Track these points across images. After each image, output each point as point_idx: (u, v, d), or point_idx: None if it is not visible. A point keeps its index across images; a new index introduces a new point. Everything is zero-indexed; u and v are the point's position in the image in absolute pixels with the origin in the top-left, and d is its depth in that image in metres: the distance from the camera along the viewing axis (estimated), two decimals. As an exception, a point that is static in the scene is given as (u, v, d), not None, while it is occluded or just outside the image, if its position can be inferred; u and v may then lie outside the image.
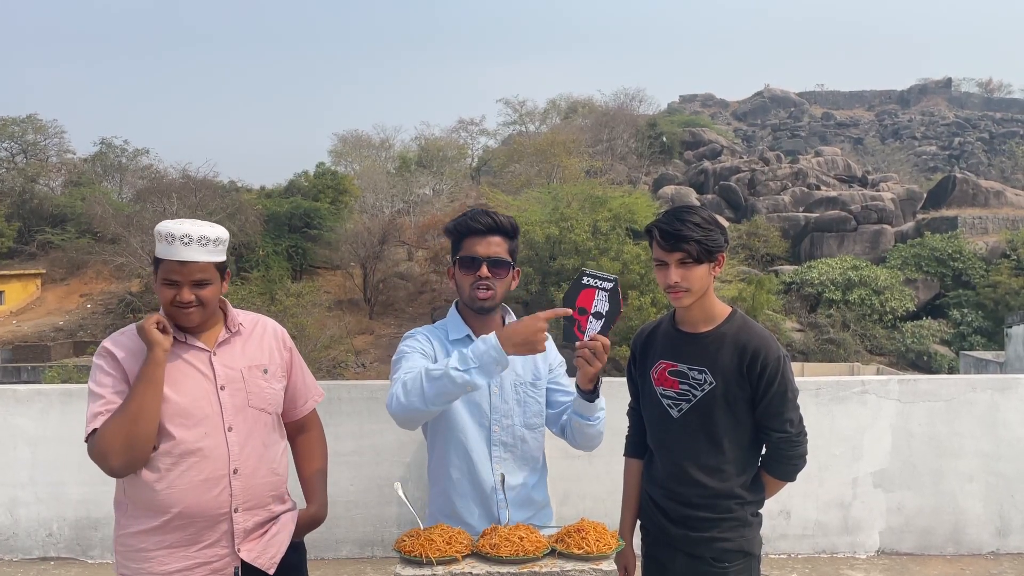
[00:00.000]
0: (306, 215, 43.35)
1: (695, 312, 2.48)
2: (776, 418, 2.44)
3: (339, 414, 4.80)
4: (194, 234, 2.29)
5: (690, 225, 2.36)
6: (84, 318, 38.78)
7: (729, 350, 2.43)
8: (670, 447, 2.52)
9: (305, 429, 2.70)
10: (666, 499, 2.53)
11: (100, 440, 2.22)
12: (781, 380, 2.42)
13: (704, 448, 2.46)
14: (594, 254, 32.02)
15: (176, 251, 2.29)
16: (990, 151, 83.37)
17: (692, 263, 2.37)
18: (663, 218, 2.44)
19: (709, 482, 2.45)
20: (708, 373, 2.44)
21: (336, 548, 4.93)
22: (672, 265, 2.38)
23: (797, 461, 2.50)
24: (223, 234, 2.39)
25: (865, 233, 41.96)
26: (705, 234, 2.36)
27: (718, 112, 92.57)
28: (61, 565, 4.94)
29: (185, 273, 2.30)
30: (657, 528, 2.57)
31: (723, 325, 2.48)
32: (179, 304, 2.32)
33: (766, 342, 2.44)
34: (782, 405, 2.43)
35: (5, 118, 49.48)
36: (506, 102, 62.91)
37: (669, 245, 2.37)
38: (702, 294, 2.44)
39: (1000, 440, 4.92)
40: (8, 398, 5.02)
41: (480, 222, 2.54)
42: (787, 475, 2.52)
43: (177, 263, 2.30)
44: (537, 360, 2.65)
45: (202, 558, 2.34)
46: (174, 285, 2.32)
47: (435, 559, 2.17)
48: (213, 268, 2.34)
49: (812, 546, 4.94)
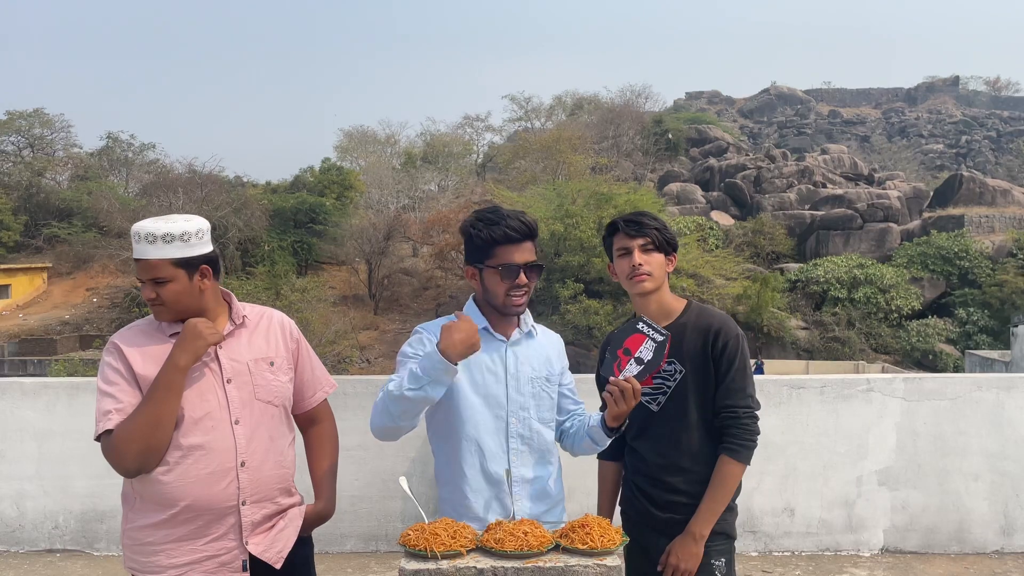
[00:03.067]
0: (311, 210, 43.44)
1: (653, 308, 2.63)
2: (739, 393, 2.55)
3: (344, 409, 4.81)
4: (157, 232, 2.30)
5: (649, 218, 2.65)
6: (90, 312, 38.93)
7: (692, 336, 2.58)
8: (654, 440, 2.62)
9: (316, 421, 2.68)
10: (652, 487, 2.62)
11: (117, 442, 2.23)
12: (741, 356, 2.57)
13: (685, 435, 2.57)
14: (599, 251, 32.00)
15: (139, 250, 2.33)
16: (997, 149, 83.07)
17: (653, 250, 2.60)
18: (624, 215, 2.70)
19: (693, 466, 2.56)
20: (676, 363, 2.57)
21: (341, 542, 4.94)
22: (636, 250, 2.58)
23: (756, 440, 2.57)
24: (190, 228, 2.33)
25: (871, 231, 41.85)
26: (662, 227, 2.63)
27: (724, 109, 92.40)
28: (67, 557, 4.96)
29: (145, 271, 2.34)
30: (640, 514, 2.66)
31: (682, 316, 2.64)
32: (151, 300, 2.37)
33: (725, 322, 2.61)
34: (743, 380, 2.56)
35: (12, 112, 49.69)
36: (512, 98, 62.92)
37: (633, 231, 2.60)
38: (660, 284, 2.62)
39: (1006, 439, 4.91)
40: (15, 391, 5.04)
41: (516, 230, 2.53)
42: (749, 456, 2.56)
43: (136, 261, 2.35)
44: (552, 358, 2.68)
45: (210, 551, 2.34)
46: (144, 283, 2.37)
47: (440, 553, 2.17)
48: (170, 266, 2.32)
49: (816, 544, 4.94)
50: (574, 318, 31.28)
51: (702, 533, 2.50)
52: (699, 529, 2.50)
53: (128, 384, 2.30)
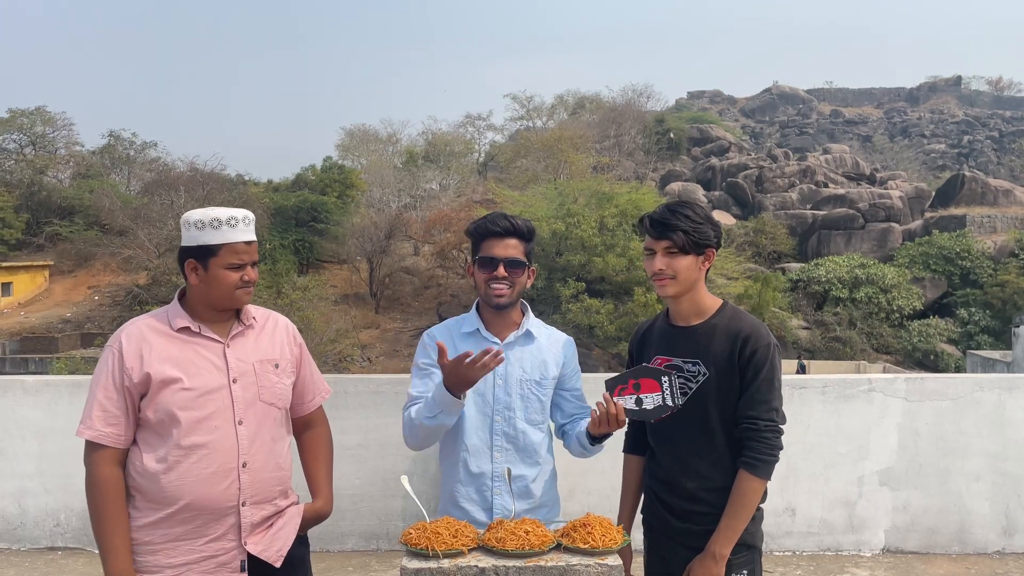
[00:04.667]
0: (313, 209, 43.42)
1: (686, 306, 2.53)
2: (763, 405, 2.42)
3: (345, 408, 4.81)
4: (237, 214, 2.36)
5: (680, 217, 2.45)
6: (92, 310, 38.95)
7: (721, 339, 2.46)
8: (671, 441, 2.54)
9: (312, 425, 2.70)
10: (668, 493, 2.55)
11: (92, 466, 2.35)
12: (770, 367, 2.43)
13: (704, 439, 2.47)
14: (600, 250, 32.00)
15: (237, 233, 2.35)
16: (999, 149, 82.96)
17: (678, 253, 2.45)
18: (657, 209, 2.53)
19: (710, 473, 2.46)
20: (701, 364, 2.47)
21: (342, 541, 4.94)
22: (659, 253, 2.46)
23: (778, 455, 2.46)
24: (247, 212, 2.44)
25: (873, 231, 41.81)
26: (694, 226, 2.44)
27: (726, 109, 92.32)
28: (68, 555, 4.97)
29: (250, 253, 2.37)
30: (660, 522, 2.59)
31: (714, 317, 2.52)
32: (247, 283, 2.38)
33: (757, 329, 2.47)
34: (769, 392, 2.43)
35: (14, 110, 49.69)
36: (513, 97, 62.88)
37: (657, 233, 2.47)
38: (690, 286, 2.49)
39: (1007, 440, 4.90)
40: (16, 389, 5.04)
41: (498, 225, 2.69)
42: (769, 472, 2.45)
43: (244, 244, 2.36)
44: (548, 361, 2.75)
45: (209, 551, 2.35)
46: (239, 268, 2.36)
47: (441, 552, 2.18)
48: (254, 247, 2.43)
49: (817, 544, 4.93)
50: (575, 317, 31.24)
51: (722, 553, 2.39)
52: (719, 549, 2.39)
53: (117, 391, 2.34)
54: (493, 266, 2.66)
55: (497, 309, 2.71)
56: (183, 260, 2.39)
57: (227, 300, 2.39)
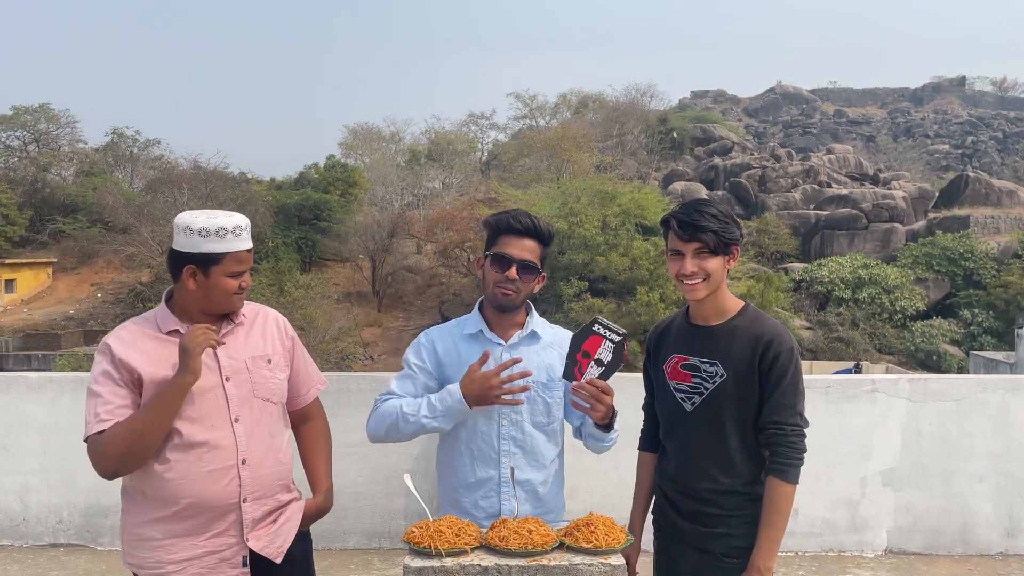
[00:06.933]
0: (316, 207, 43.40)
1: (707, 306, 2.48)
2: (789, 410, 2.40)
3: (347, 405, 4.81)
4: (242, 223, 2.39)
5: (708, 216, 2.38)
6: (95, 307, 38.98)
7: (742, 342, 2.42)
8: (683, 440, 2.51)
9: (309, 418, 2.71)
10: (677, 493, 2.53)
11: (102, 445, 2.25)
12: (794, 371, 2.41)
13: (716, 441, 2.44)
14: (603, 249, 31.96)
15: (240, 242, 2.38)
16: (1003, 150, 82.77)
17: (708, 254, 2.39)
18: (681, 209, 2.46)
19: (720, 476, 2.44)
20: (719, 365, 2.43)
21: (344, 539, 4.94)
22: (688, 255, 2.39)
23: (803, 458, 2.45)
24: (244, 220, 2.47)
25: (876, 231, 41.72)
26: (722, 226, 2.39)
27: (729, 108, 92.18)
28: (71, 552, 4.97)
29: (249, 260, 2.41)
30: (668, 523, 2.57)
31: (735, 318, 2.47)
32: (243, 289, 2.42)
33: (779, 333, 2.43)
34: (794, 396, 2.41)
35: (18, 107, 49.69)
36: (516, 96, 62.69)
37: (687, 235, 2.39)
38: (716, 287, 2.44)
39: (1010, 441, 4.89)
40: (20, 385, 5.05)
41: (520, 222, 2.60)
42: (797, 475, 2.45)
43: (245, 252, 2.39)
44: (555, 364, 2.67)
45: (211, 547, 2.35)
46: (238, 275, 2.39)
47: (444, 551, 2.17)
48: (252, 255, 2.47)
49: (820, 544, 4.93)
50: (578, 316, 31.21)
51: (767, 566, 2.35)
52: (763, 562, 2.35)
53: (117, 385, 2.30)
54: (506, 265, 2.57)
55: (501, 310, 2.64)
56: (180, 264, 2.36)
57: (224, 306, 2.41)
